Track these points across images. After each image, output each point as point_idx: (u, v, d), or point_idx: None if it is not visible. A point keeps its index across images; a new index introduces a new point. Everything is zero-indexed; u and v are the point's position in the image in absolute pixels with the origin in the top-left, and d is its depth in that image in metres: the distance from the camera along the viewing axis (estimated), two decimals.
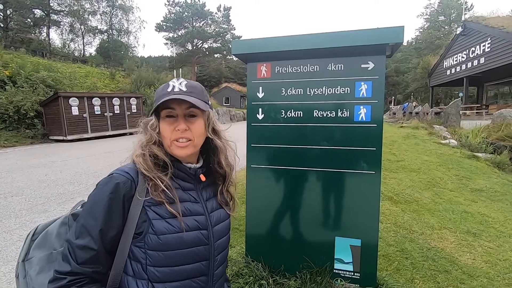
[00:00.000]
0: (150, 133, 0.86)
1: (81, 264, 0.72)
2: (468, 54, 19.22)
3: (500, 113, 10.38)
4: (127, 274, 0.79)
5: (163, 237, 0.77)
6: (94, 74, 20.92)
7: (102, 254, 0.75)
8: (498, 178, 5.58)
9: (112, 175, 0.80)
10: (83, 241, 0.73)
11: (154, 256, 0.77)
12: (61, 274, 0.72)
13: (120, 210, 0.76)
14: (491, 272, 2.60)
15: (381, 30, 1.88)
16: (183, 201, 0.83)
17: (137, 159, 0.82)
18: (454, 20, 39.59)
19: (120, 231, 0.77)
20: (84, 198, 3.49)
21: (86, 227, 0.74)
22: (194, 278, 0.82)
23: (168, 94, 0.81)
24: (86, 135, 13.48)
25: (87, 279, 0.73)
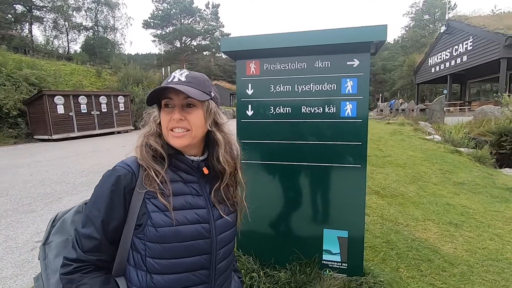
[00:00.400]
0: (150, 124, 0.88)
1: (86, 252, 0.76)
2: (452, 52, 19.76)
3: (482, 109, 10.75)
4: (129, 264, 0.82)
5: (160, 229, 0.77)
6: (79, 71, 20.43)
7: (104, 244, 0.78)
8: (479, 172, 5.81)
9: (115, 168, 0.82)
10: (88, 230, 0.77)
11: (152, 248, 0.78)
12: (68, 260, 0.77)
13: (121, 202, 0.78)
14: (471, 260, 2.73)
15: (366, 28, 1.94)
16: (184, 194, 0.84)
17: (135, 150, 0.84)
18: (438, 19, 40.55)
19: (122, 222, 0.79)
20: (72, 198, 3.47)
21: (90, 217, 0.78)
22: (194, 271, 0.82)
23: (166, 84, 0.82)
24: (72, 134, 13.20)
25: (92, 267, 0.77)
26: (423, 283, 2.35)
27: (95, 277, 0.76)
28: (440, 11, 39.69)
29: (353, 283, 2.06)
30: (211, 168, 0.91)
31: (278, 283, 2.10)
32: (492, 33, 15.44)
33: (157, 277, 0.79)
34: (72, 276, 0.75)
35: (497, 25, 15.90)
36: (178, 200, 0.82)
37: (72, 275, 0.75)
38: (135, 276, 0.80)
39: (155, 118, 0.88)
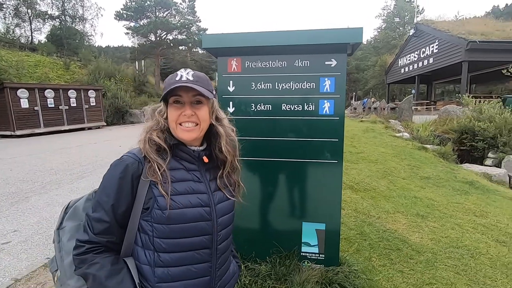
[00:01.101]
0: (157, 119, 0.94)
1: (97, 234, 0.83)
2: (419, 54, 20.91)
3: (445, 109, 11.52)
4: (137, 245, 0.89)
5: (167, 212, 0.85)
6: (45, 63, 19.19)
7: (114, 226, 0.85)
8: (443, 167, 6.25)
9: (122, 158, 0.90)
10: (98, 214, 0.84)
11: (159, 229, 0.86)
12: (81, 242, 0.83)
13: (129, 189, 0.86)
14: (435, 248, 2.96)
15: (343, 30, 2.04)
16: (186, 180, 0.91)
17: (139, 143, 0.91)
18: (407, 22, 42.53)
19: (130, 207, 0.86)
20: (40, 197, 3.34)
21: (100, 202, 0.85)
22: (198, 250, 0.90)
23: (176, 83, 0.89)
24: (38, 130, 12.44)
25: (102, 248, 0.85)
26: (393, 271, 2.52)
27: (105, 257, 0.84)
28: (409, 15, 41.66)
29: (330, 272, 2.16)
30: (211, 158, 1.00)
31: (259, 276, 2.16)
32: (455, 37, 16.54)
33: (164, 255, 0.86)
34: (84, 256, 0.82)
35: (460, 30, 17.05)
36: (181, 186, 0.90)
37: (84, 255, 0.82)
38: (143, 255, 0.88)
39: (161, 113, 0.95)
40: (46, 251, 2.90)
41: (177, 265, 0.87)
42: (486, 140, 8.15)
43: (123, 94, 17.96)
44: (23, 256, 2.81)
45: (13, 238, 3.15)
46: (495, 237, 3.30)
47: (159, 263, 0.86)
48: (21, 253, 2.85)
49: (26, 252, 2.87)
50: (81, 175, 5.69)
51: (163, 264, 0.86)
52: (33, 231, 3.31)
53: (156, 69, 31.68)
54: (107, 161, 6.79)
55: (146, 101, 21.33)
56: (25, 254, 2.84)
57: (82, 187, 4.90)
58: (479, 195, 4.76)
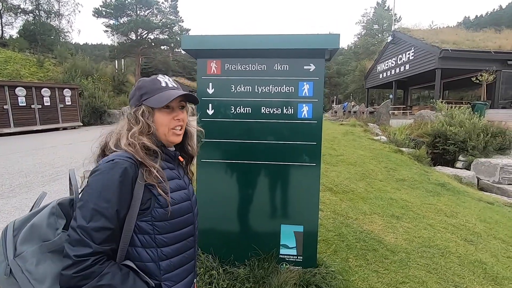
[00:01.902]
0: (146, 123, 0.95)
1: (100, 244, 0.80)
2: (397, 61, 21.74)
3: (420, 113, 12.02)
4: (135, 246, 0.90)
5: (167, 209, 0.91)
6: (17, 60, 18.18)
7: (116, 233, 0.84)
8: (418, 169, 6.50)
9: (115, 161, 0.86)
10: (98, 223, 0.80)
11: (161, 226, 0.92)
12: (82, 257, 0.77)
13: (129, 192, 0.86)
14: (409, 248, 3.07)
15: (321, 36, 2.08)
16: (173, 179, 0.99)
17: (128, 148, 0.90)
18: (386, 29, 44.17)
19: (127, 210, 0.86)
20: (8, 201, 3.14)
21: (98, 210, 0.80)
22: (188, 239, 1.01)
23: (165, 89, 0.97)
24: (7, 130, 11.77)
25: (105, 257, 0.82)
26: (369, 271, 2.58)
27: (111, 265, 0.82)
28: (387, 22, 43.30)
29: (307, 274, 2.19)
30: (182, 156, 1.12)
31: (238, 279, 2.16)
32: (429, 45, 17.33)
33: (166, 249, 0.94)
34: (90, 269, 0.77)
35: (434, 38, 17.90)
36: (172, 184, 0.97)
37: (90, 269, 0.77)
38: (145, 254, 0.91)
39: (146, 116, 0.96)
40: None
41: (176, 254, 0.96)
42: (457, 144, 8.57)
43: (101, 94, 17.35)
44: None
45: None
46: (463, 237, 3.47)
47: (163, 257, 0.93)
48: None
49: None
50: (54, 177, 5.43)
51: (166, 257, 0.93)
52: None
53: (136, 68, 30.93)
54: (82, 163, 6.52)
55: (125, 101, 20.74)
56: None
57: (55, 190, 4.68)
58: (450, 196, 4.99)
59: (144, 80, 1.00)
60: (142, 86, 0.98)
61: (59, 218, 0.86)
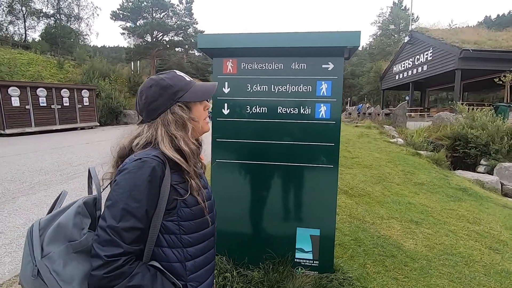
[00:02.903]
0: (189, 118, 0.95)
1: (130, 244, 0.79)
2: (414, 61, 21.18)
3: (439, 115, 11.64)
4: (161, 246, 0.89)
5: (194, 208, 0.92)
6: (38, 62, 18.90)
7: (145, 232, 0.83)
8: (437, 173, 6.27)
9: (143, 160, 0.84)
10: (128, 223, 0.79)
11: (187, 226, 0.91)
12: (113, 257, 0.76)
13: (157, 191, 0.85)
14: (429, 255, 2.94)
15: (340, 33, 2.02)
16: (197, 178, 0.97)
17: (172, 154, 0.89)
18: (402, 30, 43.11)
19: (155, 210, 0.86)
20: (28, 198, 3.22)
21: (128, 210, 0.79)
22: (210, 238, 1.01)
23: (193, 83, 0.98)
24: (29, 129, 12.21)
25: (134, 257, 0.81)
26: (387, 278, 2.48)
27: (141, 266, 0.82)
28: (404, 22, 42.27)
29: (324, 279, 2.12)
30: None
31: (252, 283, 2.11)
32: (449, 45, 16.79)
33: (191, 249, 0.93)
34: (121, 270, 0.77)
35: (454, 38, 17.32)
36: (196, 182, 0.95)
37: (121, 269, 0.77)
38: (172, 254, 0.90)
39: (186, 113, 0.96)
40: None
41: (200, 255, 0.96)
42: (479, 147, 8.23)
43: (117, 95, 17.77)
44: (6, 259, 2.70)
45: None
46: (488, 245, 3.29)
47: (188, 257, 0.92)
48: (5, 256, 2.74)
49: (10, 255, 2.77)
50: (71, 176, 5.56)
51: (191, 258, 0.93)
52: (18, 233, 3.20)
53: (151, 70, 31.50)
54: (99, 162, 6.65)
55: None
56: (8, 257, 2.74)
57: (73, 188, 4.78)
58: (472, 202, 4.77)
59: (168, 78, 0.94)
60: (172, 84, 0.93)
61: (85, 218, 0.84)
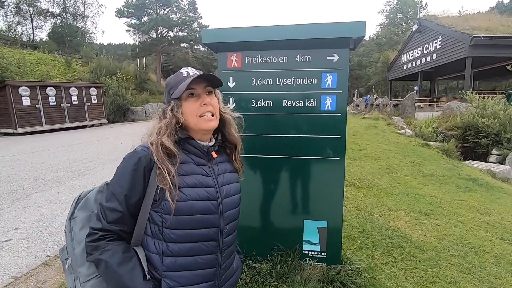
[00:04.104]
0: (173, 116, 0.95)
1: (110, 223, 0.87)
2: (422, 50, 20.68)
3: (449, 105, 11.41)
4: (146, 235, 0.93)
5: (176, 203, 0.88)
6: (47, 61, 19.18)
7: (126, 216, 0.89)
8: (446, 164, 6.19)
9: (135, 150, 0.93)
10: (112, 204, 0.88)
11: (168, 220, 0.89)
12: (94, 230, 0.88)
13: (142, 180, 0.89)
14: (439, 246, 2.92)
15: (345, 24, 1.99)
16: (195, 174, 0.95)
17: (151, 146, 0.91)
18: (410, 18, 42.16)
19: (142, 198, 0.90)
20: (42, 195, 3.33)
21: (113, 193, 0.89)
22: (204, 241, 0.94)
23: (187, 77, 0.94)
24: (40, 128, 12.48)
25: (114, 236, 0.89)
26: (396, 269, 2.48)
27: (118, 245, 0.88)
28: (412, 10, 41.30)
29: (332, 271, 2.14)
30: (219, 152, 1.05)
31: (260, 274, 2.14)
32: (459, 33, 16.32)
33: (172, 245, 0.90)
34: (98, 243, 0.86)
35: (464, 25, 16.83)
36: (190, 179, 0.93)
37: (98, 242, 0.86)
38: (153, 244, 0.92)
39: (175, 109, 0.96)
40: (47, 248, 2.89)
41: (185, 255, 0.91)
42: (490, 137, 8.06)
43: (124, 92, 17.95)
44: (23, 254, 2.80)
45: (13, 236, 3.15)
46: (499, 235, 3.26)
47: (168, 252, 0.90)
48: (22, 251, 2.84)
49: (26, 250, 2.87)
50: (82, 172, 5.69)
51: (171, 254, 0.90)
52: (33, 229, 3.31)
53: (157, 66, 31.63)
54: (109, 159, 6.78)
55: (147, 99, 21.34)
56: (25, 252, 2.84)
57: (84, 184, 4.89)
58: (483, 192, 4.71)
59: (170, 77, 1.01)
60: (168, 83, 1.00)
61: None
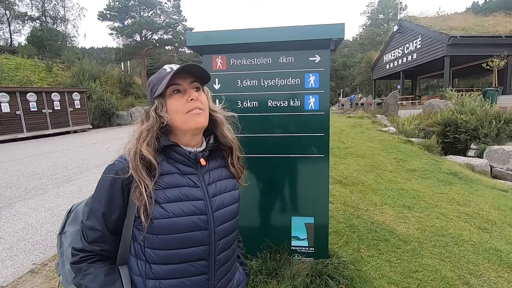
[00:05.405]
0: (156, 116, 0.84)
1: (90, 243, 0.81)
2: (403, 50, 21.34)
3: (429, 103, 11.81)
4: (131, 254, 0.85)
5: (156, 221, 0.79)
6: (26, 66, 18.56)
7: (106, 235, 0.81)
8: (428, 159, 6.41)
9: (114, 162, 0.84)
10: (91, 222, 0.81)
11: (149, 239, 0.80)
12: (75, 250, 0.82)
13: (120, 196, 0.81)
14: (421, 237, 3.05)
15: (325, 26, 2.07)
16: (180, 186, 0.84)
17: (129, 155, 0.81)
18: (391, 19, 43.34)
19: (123, 214, 0.82)
20: (25, 203, 3.26)
21: (93, 210, 0.82)
22: (192, 262, 0.83)
23: (170, 73, 0.83)
24: (21, 135, 12.08)
25: (96, 257, 0.82)
26: (381, 260, 2.58)
27: (99, 267, 0.81)
28: (393, 11, 42.48)
29: (319, 265, 2.21)
30: (212, 157, 0.95)
31: (250, 271, 2.18)
32: (437, 33, 16.94)
33: (155, 267, 0.81)
34: (79, 265, 0.80)
35: (442, 25, 17.48)
36: (173, 192, 0.82)
37: (79, 265, 0.80)
38: (135, 265, 0.83)
39: (159, 109, 0.85)
40: (33, 257, 2.84)
41: (170, 277, 0.81)
42: (468, 132, 8.40)
43: (109, 96, 17.62)
44: (8, 263, 2.74)
45: None
46: (477, 225, 3.42)
47: (150, 275, 0.81)
48: (6, 260, 2.78)
49: (11, 259, 2.80)
50: (67, 179, 5.57)
51: (154, 276, 0.81)
52: (18, 238, 3.23)
53: (142, 69, 31.19)
54: (94, 164, 6.66)
55: (133, 103, 21.00)
56: (10, 261, 2.77)
57: (69, 191, 4.80)
58: (462, 185, 4.92)
59: (152, 75, 0.91)
60: (150, 81, 0.90)
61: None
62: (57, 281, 0.99)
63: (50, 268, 2.58)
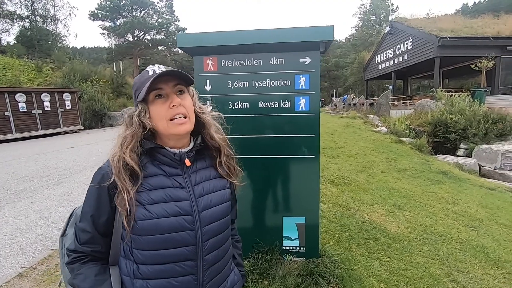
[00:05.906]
0: (139, 122, 0.84)
1: (82, 244, 0.84)
2: (395, 51, 21.61)
3: (420, 103, 11.99)
4: (120, 255, 0.89)
5: (140, 222, 0.80)
6: (15, 66, 18.22)
7: (96, 237, 0.85)
8: (418, 159, 6.51)
9: (101, 166, 0.86)
10: (82, 224, 0.84)
11: (135, 240, 0.83)
12: (69, 251, 0.86)
13: (107, 199, 0.83)
14: (411, 236, 3.10)
15: (315, 28, 2.09)
16: (164, 187, 0.85)
17: (112, 161, 0.82)
18: (383, 20, 43.82)
19: (111, 216, 0.84)
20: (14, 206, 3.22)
21: (83, 212, 0.85)
22: (179, 262, 0.83)
23: (152, 76, 0.81)
24: (9, 136, 11.85)
25: (88, 257, 0.85)
26: (371, 259, 2.62)
27: (91, 267, 0.84)
28: (385, 13, 42.94)
29: (310, 264, 2.23)
30: (200, 156, 0.95)
31: None
32: (427, 34, 17.20)
33: (142, 267, 0.83)
34: (72, 265, 0.84)
35: (432, 27, 17.76)
36: (157, 194, 0.83)
37: (72, 265, 0.84)
38: (124, 265, 0.86)
39: (142, 114, 0.84)
40: (21, 260, 2.80)
41: (157, 277, 0.82)
42: (458, 132, 8.56)
43: (100, 97, 17.41)
44: None
45: None
46: (465, 223, 3.50)
47: (138, 275, 0.83)
48: None
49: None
50: (58, 181, 5.49)
51: (141, 276, 0.83)
52: (6, 241, 3.18)
53: (134, 70, 30.92)
54: (85, 166, 6.58)
55: (125, 103, 20.79)
56: None
57: (60, 193, 4.73)
58: (451, 184, 5.01)
59: (136, 77, 0.89)
60: (134, 84, 0.88)
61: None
62: (46, 284, 1.03)
63: (39, 272, 2.55)
